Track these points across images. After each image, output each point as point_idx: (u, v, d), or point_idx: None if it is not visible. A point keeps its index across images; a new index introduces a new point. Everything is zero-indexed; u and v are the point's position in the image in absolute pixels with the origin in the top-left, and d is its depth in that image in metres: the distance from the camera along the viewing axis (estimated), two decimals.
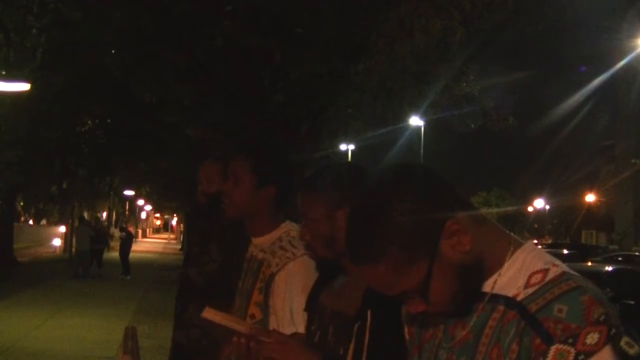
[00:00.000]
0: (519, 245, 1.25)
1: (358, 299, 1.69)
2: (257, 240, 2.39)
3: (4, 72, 15.16)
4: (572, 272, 1.19)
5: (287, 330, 2.07)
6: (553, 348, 1.10)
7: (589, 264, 15.65)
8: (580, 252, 24.77)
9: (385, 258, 1.19)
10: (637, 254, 27.39)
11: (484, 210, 1.31)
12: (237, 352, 1.72)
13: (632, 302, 10.78)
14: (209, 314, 1.77)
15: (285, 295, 2.17)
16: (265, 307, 2.24)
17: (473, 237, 1.21)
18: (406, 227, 1.19)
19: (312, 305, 1.93)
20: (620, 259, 24.43)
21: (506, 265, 1.23)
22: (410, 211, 1.19)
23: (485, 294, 1.23)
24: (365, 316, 1.65)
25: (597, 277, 11.00)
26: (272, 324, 2.19)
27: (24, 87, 13.37)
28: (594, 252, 27.96)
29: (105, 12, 12.26)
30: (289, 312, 2.13)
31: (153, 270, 23.43)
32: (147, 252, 37.77)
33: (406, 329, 1.43)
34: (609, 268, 13.16)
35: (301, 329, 2.04)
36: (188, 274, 3.35)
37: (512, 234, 1.29)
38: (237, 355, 1.75)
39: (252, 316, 2.28)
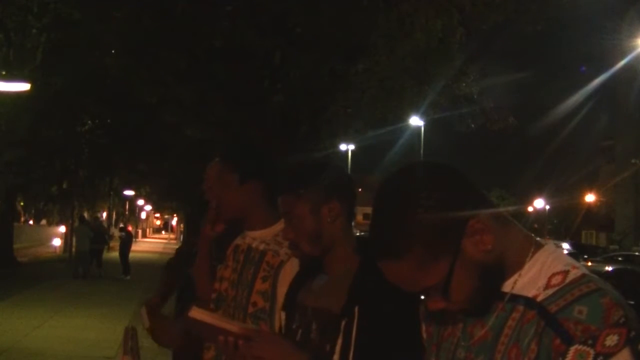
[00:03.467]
0: (539, 246, 1.27)
1: (342, 295, 1.70)
2: (255, 234, 2.42)
3: (4, 72, 15.14)
4: (592, 274, 1.20)
5: None
6: (573, 349, 1.11)
7: (589, 264, 15.63)
8: (580, 252, 24.79)
9: (408, 255, 1.20)
10: (637, 254, 27.37)
11: None
12: (225, 351, 1.70)
13: (632, 302, 10.79)
14: (197, 313, 1.70)
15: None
16: (272, 294, 2.28)
17: (495, 236, 1.22)
18: (430, 225, 1.19)
19: (289, 304, 1.93)
20: (620, 259, 24.44)
21: (527, 265, 1.24)
22: (435, 209, 1.20)
23: (505, 293, 1.24)
24: (353, 312, 1.66)
25: None
26: (276, 311, 2.23)
27: (24, 87, 13.35)
28: (594, 252, 27.96)
29: (105, 12, 12.25)
30: None
31: (153, 270, 23.39)
32: (147, 252, 37.74)
33: (423, 327, 1.44)
34: (609, 268, 13.18)
35: None
36: (189, 274, 3.34)
37: (532, 234, 1.29)
38: (225, 354, 1.74)
39: (255, 304, 2.30)
